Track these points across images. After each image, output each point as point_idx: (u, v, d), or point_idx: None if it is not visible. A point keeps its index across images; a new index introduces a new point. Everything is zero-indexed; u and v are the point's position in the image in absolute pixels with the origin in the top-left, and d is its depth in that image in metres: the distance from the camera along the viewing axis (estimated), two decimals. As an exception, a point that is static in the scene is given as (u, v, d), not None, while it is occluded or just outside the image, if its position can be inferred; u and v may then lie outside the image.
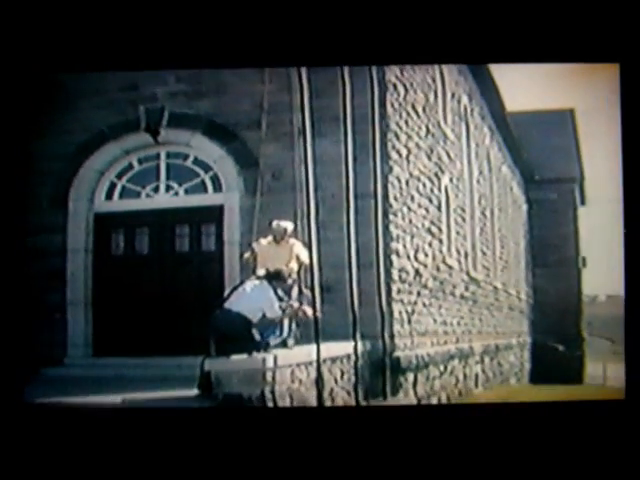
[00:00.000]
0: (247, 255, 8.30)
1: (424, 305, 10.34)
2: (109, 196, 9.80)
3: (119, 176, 9.80)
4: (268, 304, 7.32)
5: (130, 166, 9.80)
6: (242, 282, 7.70)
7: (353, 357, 8.18)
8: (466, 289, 12.65)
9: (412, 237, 10.02)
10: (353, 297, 8.40)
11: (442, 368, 10.62)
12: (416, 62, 7.80)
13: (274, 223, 8.25)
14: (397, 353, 9.03)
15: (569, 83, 8.79)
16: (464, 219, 12.96)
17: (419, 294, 10.11)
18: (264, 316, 7.26)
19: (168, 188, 9.69)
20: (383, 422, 6.56)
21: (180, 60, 6.75)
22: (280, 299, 7.41)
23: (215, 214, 9.50)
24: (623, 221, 6.09)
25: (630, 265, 6.06)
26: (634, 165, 6.05)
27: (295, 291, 8.04)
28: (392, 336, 8.97)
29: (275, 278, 7.54)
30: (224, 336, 7.06)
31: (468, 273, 12.86)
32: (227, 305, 7.32)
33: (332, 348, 7.90)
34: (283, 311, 7.40)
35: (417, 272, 10.10)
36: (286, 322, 7.53)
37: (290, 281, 7.85)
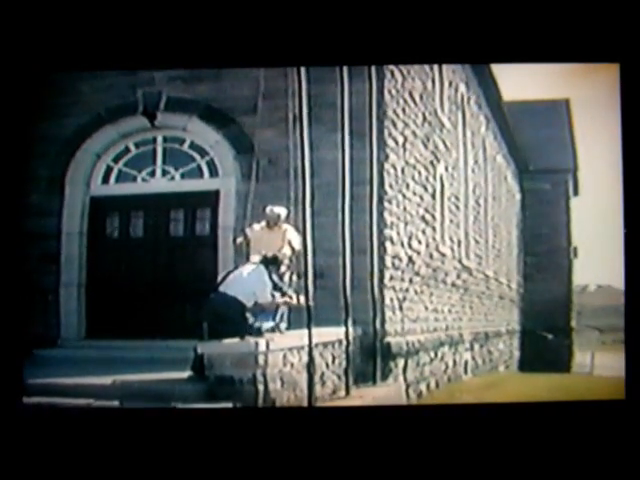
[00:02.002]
0: (240, 240, 8.33)
1: (416, 292, 10.37)
2: (105, 180, 9.78)
3: (116, 160, 9.79)
4: (261, 288, 7.32)
5: (127, 150, 9.78)
6: (237, 266, 7.71)
7: (344, 342, 8.20)
8: (458, 277, 12.69)
9: (406, 224, 10.03)
10: (346, 283, 8.40)
11: (432, 354, 10.67)
12: (416, 62, 7.86)
13: (268, 209, 8.26)
14: (388, 339, 9.05)
15: (567, 73, 8.81)
16: (458, 207, 12.98)
17: (411, 281, 10.14)
18: (257, 301, 7.27)
19: (164, 172, 9.68)
20: (377, 421, 6.56)
21: (180, 60, 6.83)
22: (275, 284, 7.42)
23: (211, 199, 9.50)
24: (623, 213, 6.11)
25: (630, 265, 6.06)
26: (634, 165, 6.08)
27: (287, 277, 8.03)
28: (383, 322, 8.99)
29: (272, 263, 7.56)
30: (218, 319, 7.06)
31: (460, 261, 12.89)
32: (222, 288, 7.32)
33: (324, 333, 7.92)
34: (273, 297, 7.39)
35: (410, 259, 10.12)
36: (280, 309, 7.56)
37: (284, 267, 7.86)
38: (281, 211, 8.24)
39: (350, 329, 8.25)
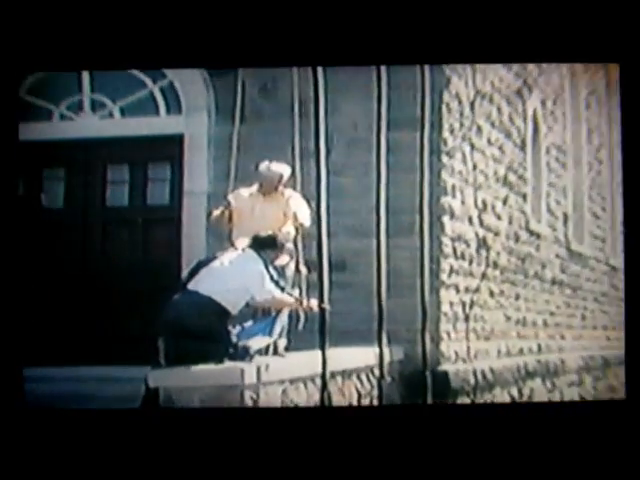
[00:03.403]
0: (218, 212, 8.36)
1: (491, 294, 10.50)
2: (1, 118, 9.99)
3: (17, 86, 9.97)
4: (257, 280, 7.42)
5: (35, 69, 9.92)
6: (214, 255, 7.78)
7: (377, 371, 8.38)
8: (562, 270, 12.77)
9: (476, 190, 10.18)
10: (380, 279, 8.56)
11: (515, 391, 10.64)
12: (411, 62, 8.40)
13: (262, 166, 8.36)
14: (445, 366, 9.21)
15: None
16: (563, 164, 13.04)
17: (484, 276, 10.25)
18: (249, 302, 7.45)
19: (95, 105, 9.83)
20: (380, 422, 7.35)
21: (193, 59, 7.63)
22: (275, 281, 7.52)
23: (171, 149, 9.71)
24: (623, 213, 7.92)
25: (630, 264, 7.71)
26: (634, 166, 7.73)
27: (291, 269, 8.27)
28: (438, 340, 9.16)
29: (267, 247, 7.66)
30: (183, 333, 7.16)
31: (568, 246, 13.01)
32: (192, 286, 7.44)
33: (346, 356, 8.08)
34: (283, 291, 7.55)
35: (483, 243, 10.26)
36: (280, 316, 7.74)
37: (286, 255, 8.00)
38: (283, 169, 8.38)
39: (385, 350, 8.43)
